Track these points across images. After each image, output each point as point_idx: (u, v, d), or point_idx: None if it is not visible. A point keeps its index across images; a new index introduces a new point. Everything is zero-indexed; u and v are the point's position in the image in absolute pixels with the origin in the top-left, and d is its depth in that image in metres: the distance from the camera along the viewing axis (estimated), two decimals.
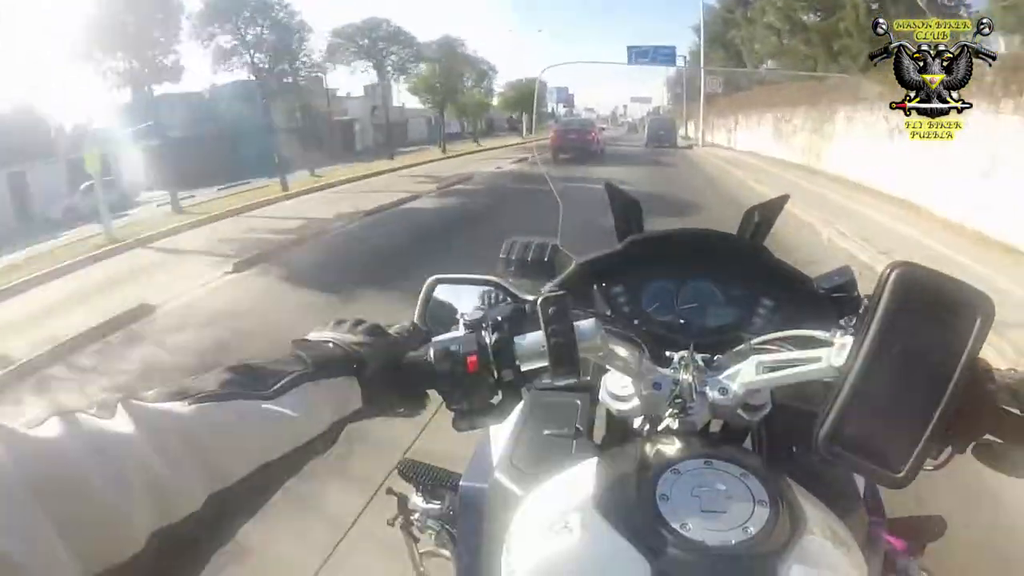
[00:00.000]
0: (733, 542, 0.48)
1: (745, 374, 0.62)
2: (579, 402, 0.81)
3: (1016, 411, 0.51)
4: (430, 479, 0.94)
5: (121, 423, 0.39)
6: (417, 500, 0.95)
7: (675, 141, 24.95)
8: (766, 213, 0.97)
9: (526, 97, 34.22)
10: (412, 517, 0.95)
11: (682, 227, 0.98)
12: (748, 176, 12.54)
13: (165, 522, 0.38)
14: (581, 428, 0.77)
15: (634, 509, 0.52)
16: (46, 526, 0.32)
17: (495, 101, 32.90)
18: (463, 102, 26.88)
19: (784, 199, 1.00)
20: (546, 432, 0.77)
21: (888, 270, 0.50)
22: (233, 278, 6.37)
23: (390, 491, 0.97)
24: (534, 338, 0.57)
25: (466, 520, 0.80)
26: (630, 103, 61.78)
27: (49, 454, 0.35)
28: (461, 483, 0.83)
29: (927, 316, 0.49)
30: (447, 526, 0.93)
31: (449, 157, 21.72)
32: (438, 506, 0.94)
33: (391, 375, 0.58)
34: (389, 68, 22.53)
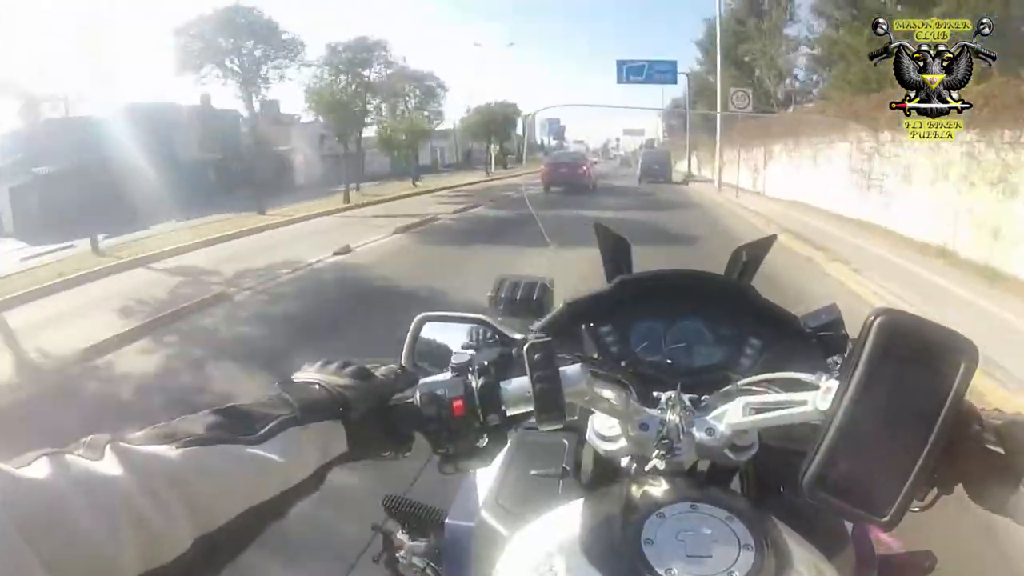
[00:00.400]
0: None
1: (732, 415, 0.62)
2: (566, 442, 0.81)
3: (1000, 451, 0.52)
4: (415, 516, 0.94)
5: (109, 465, 0.39)
6: (402, 537, 0.95)
7: (670, 176, 23.82)
8: (753, 253, 0.99)
9: (496, 124, 29.94)
10: (397, 554, 0.94)
11: (670, 268, 0.99)
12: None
13: (152, 565, 0.38)
14: (568, 468, 0.77)
15: (619, 553, 0.52)
16: (34, 567, 0.32)
17: (452, 125, 27.54)
18: (389, 129, 19.93)
19: (772, 239, 1.03)
20: (533, 472, 0.77)
21: (872, 317, 0.51)
22: None
23: (375, 527, 0.97)
24: (520, 383, 0.57)
25: (452, 559, 0.80)
26: (623, 136, 61.15)
27: (37, 495, 0.35)
28: (447, 521, 0.83)
29: (911, 361, 0.50)
30: (432, 564, 0.92)
31: (350, 208, 15.14)
32: (424, 544, 0.93)
33: (377, 418, 0.58)
34: (259, 76, 14.82)
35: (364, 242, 9.54)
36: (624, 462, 0.69)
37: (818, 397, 0.56)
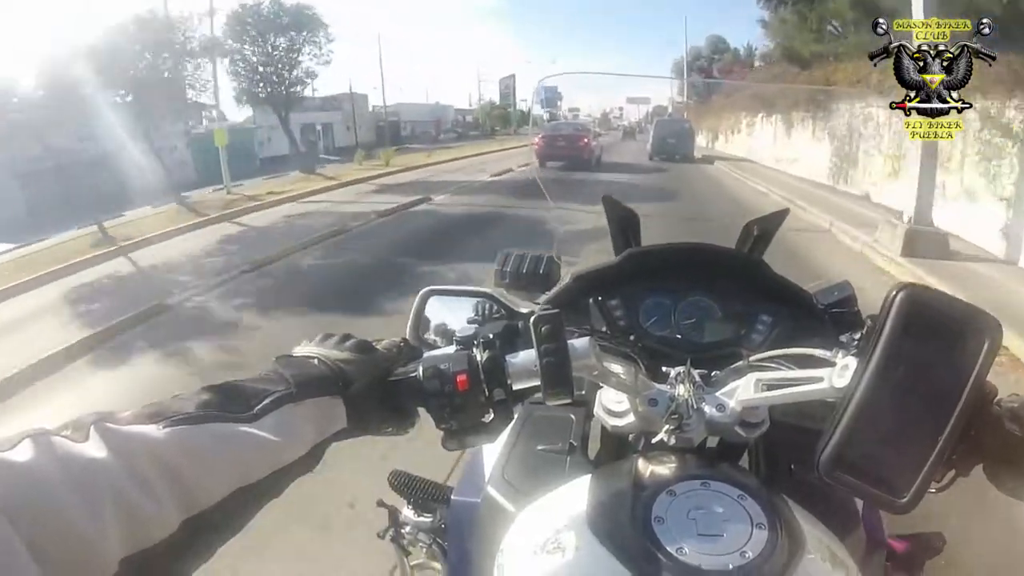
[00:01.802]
0: (731, 567, 0.47)
1: (743, 391, 0.61)
2: (573, 417, 0.80)
3: (1019, 434, 0.51)
4: (421, 492, 0.94)
5: (93, 447, 0.39)
6: (408, 513, 0.95)
7: (691, 152, 18.50)
8: (765, 227, 0.96)
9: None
10: (403, 530, 0.95)
11: (681, 241, 0.97)
12: None
13: (138, 547, 0.38)
14: (575, 444, 0.76)
15: (628, 531, 0.51)
16: (20, 551, 0.32)
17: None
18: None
19: (784, 213, 0.99)
20: (539, 447, 0.77)
21: (894, 291, 0.49)
22: None
23: (381, 503, 0.97)
24: (526, 356, 0.56)
25: (457, 535, 0.79)
26: (626, 104, 56.99)
27: (22, 478, 0.35)
28: (453, 497, 0.82)
29: (933, 338, 0.48)
30: (438, 540, 0.92)
31: None
32: (429, 519, 0.93)
33: (378, 393, 0.57)
34: None
35: None
36: (632, 438, 0.68)
37: (835, 374, 0.54)
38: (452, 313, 0.88)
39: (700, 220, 8.42)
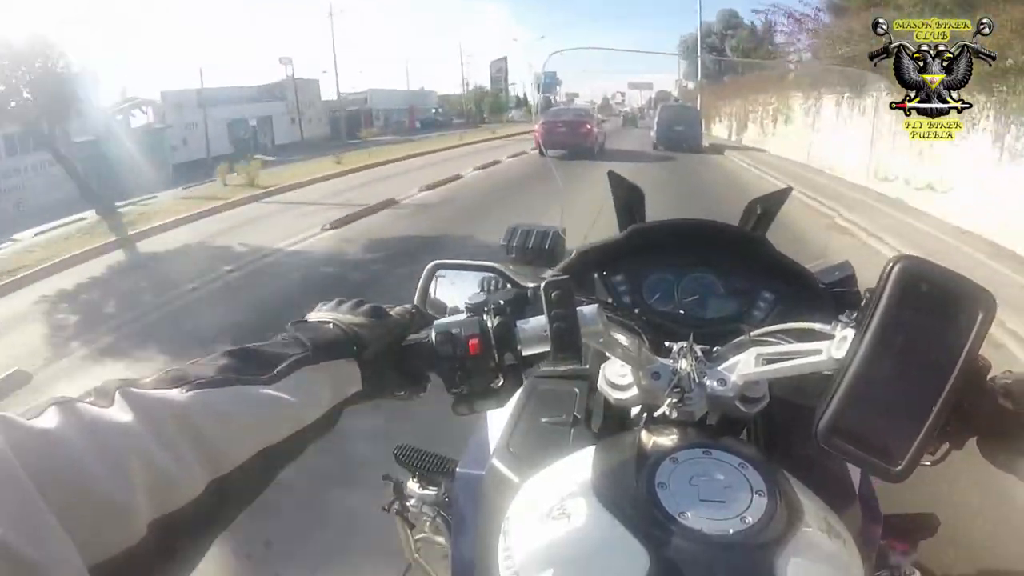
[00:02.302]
0: (731, 532, 0.49)
1: (744, 366, 0.62)
2: (577, 390, 0.81)
3: (1012, 409, 0.52)
4: (426, 465, 0.94)
5: (119, 412, 0.39)
6: (413, 486, 0.96)
7: (700, 142, 16.47)
8: (768, 205, 0.97)
9: None
10: (408, 503, 0.96)
11: (685, 217, 0.97)
12: None
13: (166, 510, 0.38)
14: (579, 416, 0.78)
15: (632, 497, 0.52)
16: (47, 516, 0.32)
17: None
18: None
19: (787, 192, 1.00)
20: (544, 420, 0.78)
21: (891, 263, 0.50)
22: None
23: (386, 477, 0.97)
24: (536, 322, 0.57)
25: (462, 507, 0.80)
26: (628, 90, 53.44)
27: (48, 444, 0.35)
28: (457, 470, 0.83)
29: (929, 310, 0.49)
30: (443, 512, 0.93)
31: None
32: (434, 492, 0.94)
33: (391, 357, 0.58)
34: None
35: None
36: (635, 411, 0.69)
37: (833, 346, 0.55)
38: (457, 288, 0.89)
39: None
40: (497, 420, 0.80)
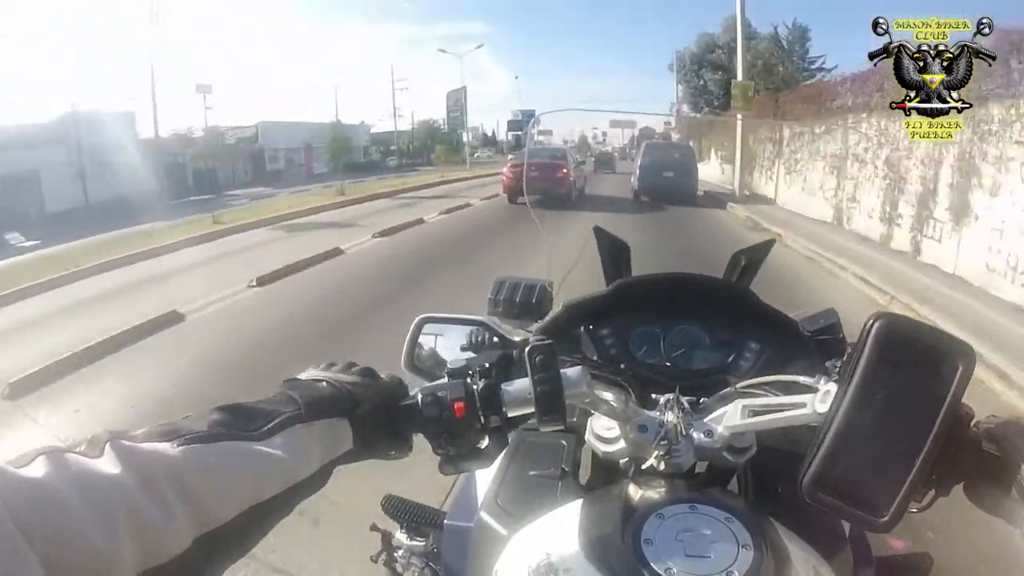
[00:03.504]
0: None
1: (730, 417, 0.62)
2: (565, 443, 0.81)
3: (996, 453, 0.53)
4: (414, 516, 0.94)
5: (108, 463, 0.39)
6: (401, 537, 0.95)
7: (694, 191, 12.89)
8: (752, 257, 0.99)
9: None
10: (396, 554, 0.95)
11: (670, 271, 0.99)
12: None
13: (152, 563, 0.38)
14: (567, 469, 0.78)
15: (619, 553, 0.52)
16: (34, 567, 0.32)
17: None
18: None
19: (771, 243, 1.03)
20: (532, 472, 0.78)
21: (871, 320, 0.51)
22: None
23: (374, 527, 0.97)
24: (521, 385, 0.57)
25: (450, 559, 0.80)
26: (609, 128, 48.91)
27: (36, 493, 0.35)
28: (446, 521, 0.83)
29: (909, 365, 0.50)
30: (431, 564, 0.93)
31: None
32: (422, 543, 0.94)
33: (382, 417, 0.58)
34: None
35: None
36: (623, 463, 0.69)
37: (817, 400, 0.56)
38: (446, 340, 0.90)
39: None
40: (485, 472, 0.80)
